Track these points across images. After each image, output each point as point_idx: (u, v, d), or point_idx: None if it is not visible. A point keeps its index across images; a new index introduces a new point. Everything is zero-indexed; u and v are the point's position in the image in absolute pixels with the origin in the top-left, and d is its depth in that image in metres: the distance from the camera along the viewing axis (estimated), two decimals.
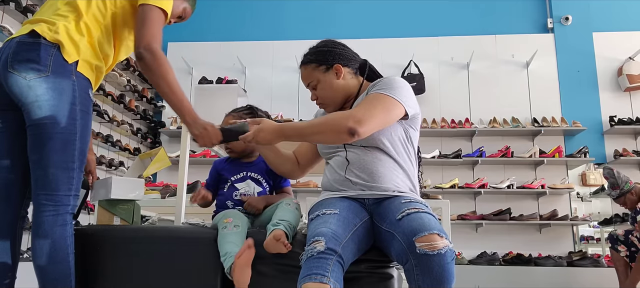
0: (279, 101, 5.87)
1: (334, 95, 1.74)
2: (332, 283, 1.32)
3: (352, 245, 1.46)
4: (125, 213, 1.80)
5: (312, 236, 1.42)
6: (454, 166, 5.67)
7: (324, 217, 1.51)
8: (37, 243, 1.50)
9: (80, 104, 1.57)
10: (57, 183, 1.52)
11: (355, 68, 1.79)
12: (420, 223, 1.37)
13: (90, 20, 1.64)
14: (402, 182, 1.65)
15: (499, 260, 5.12)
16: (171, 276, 1.66)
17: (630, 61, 5.66)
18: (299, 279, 1.36)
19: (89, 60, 1.62)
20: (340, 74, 1.73)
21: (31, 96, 1.49)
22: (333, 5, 6.30)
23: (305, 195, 5.27)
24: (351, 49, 1.81)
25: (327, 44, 1.77)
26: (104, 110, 5.01)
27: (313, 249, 1.38)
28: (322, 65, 1.73)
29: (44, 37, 1.54)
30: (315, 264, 1.35)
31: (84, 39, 1.61)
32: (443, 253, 1.31)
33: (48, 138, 1.51)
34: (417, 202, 1.54)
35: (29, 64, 1.50)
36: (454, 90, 5.90)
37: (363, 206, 1.63)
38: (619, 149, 5.45)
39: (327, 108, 1.80)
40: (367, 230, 1.57)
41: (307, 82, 1.78)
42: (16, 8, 3.86)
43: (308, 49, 1.79)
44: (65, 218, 1.54)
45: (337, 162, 1.71)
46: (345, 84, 1.74)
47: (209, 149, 3.47)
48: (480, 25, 6.08)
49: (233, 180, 1.93)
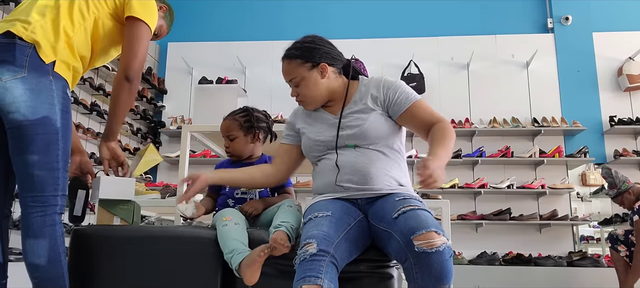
0: (279, 101, 5.86)
1: (317, 94, 1.71)
2: (325, 284, 1.32)
3: (345, 244, 1.46)
4: (125, 214, 1.80)
5: (304, 239, 1.43)
6: (454, 166, 5.66)
7: (316, 220, 1.50)
8: (28, 244, 1.48)
9: (60, 103, 1.55)
10: (43, 185, 1.49)
11: (340, 68, 1.76)
12: (417, 221, 1.38)
13: (69, 21, 1.62)
14: (394, 179, 1.64)
15: (499, 260, 5.12)
16: (171, 276, 1.66)
17: (630, 61, 5.66)
18: (294, 283, 1.36)
19: (66, 61, 1.60)
20: (325, 72, 1.70)
21: (8, 98, 1.46)
22: (333, 5, 6.30)
23: (306, 195, 5.26)
24: (337, 48, 1.78)
25: (315, 41, 1.73)
26: (104, 110, 5.01)
27: (305, 252, 1.39)
28: (307, 62, 1.69)
29: (20, 37, 1.51)
30: (308, 267, 1.36)
31: (61, 39, 1.59)
32: (441, 251, 1.31)
33: (30, 140, 1.48)
34: (411, 198, 1.54)
35: (4, 65, 1.47)
36: (454, 90, 5.90)
37: (356, 206, 1.63)
38: (619, 149, 5.45)
39: (307, 106, 1.77)
40: (362, 229, 1.57)
41: (290, 77, 1.73)
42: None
43: (292, 43, 1.74)
44: (54, 218, 1.52)
45: (326, 166, 1.69)
46: (328, 83, 1.72)
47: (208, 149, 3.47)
48: (480, 25, 6.08)
49: None
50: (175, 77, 6.27)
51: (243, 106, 2.06)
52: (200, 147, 5.34)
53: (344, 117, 1.70)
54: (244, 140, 1.96)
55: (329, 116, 1.75)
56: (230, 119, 1.98)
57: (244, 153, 1.97)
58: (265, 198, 1.91)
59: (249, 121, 1.97)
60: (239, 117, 1.98)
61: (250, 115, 1.99)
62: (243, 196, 1.91)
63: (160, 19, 1.96)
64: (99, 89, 5.02)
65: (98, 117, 4.95)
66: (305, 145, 1.77)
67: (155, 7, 1.82)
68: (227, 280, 1.62)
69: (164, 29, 2.06)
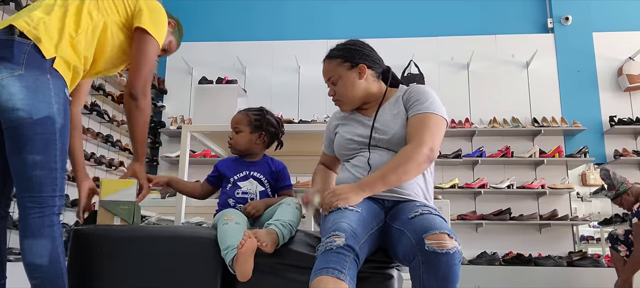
0: (279, 101, 5.86)
1: (354, 94, 1.74)
2: (348, 281, 1.30)
3: (366, 247, 1.46)
4: (126, 214, 1.80)
5: (332, 229, 1.39)
6: (454, 166, 5.67)
7: (345, 211, 1.48)
8: (27, 244, 1.46)
9: (57, 102, 1.51)
10: (41, 185, 1.46)
11: (379, 72, 1.79)
12: (432, 223, 1.38)
13: (75, 21, 1.61)
14: (421, 188, 1.65)
15: (499, 260, 5.12)
16: (171, 276, 1.66)
17: (630, 61, 5.66)
18: (314, 270, 1.33)
19: (67, 59, 1.57)
20: (363, 74, 1.73)
21: (5, 95, 1.42)
22: (333, 5, 6.30)
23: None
24: (377, 53, 1.81)
25: (356, 44, 1.77)
26: (104, 110, 5.01)
27: (332, 243, 1.35)
28: (347, 62, 1.73)
29: (21, 32, 1.49)
30: (333, 258, 1.33)
31: (64, 37, 1.57)
32: (451, 254, 1.31)
33: (27, 140, 1.44)
34: (431, 207, 1.55)
35: (1, 63, 1.44)
36: (454, 90, 5.90)
37: (382, 207, 1.63)
38: (619, 149, 5.45)
39: (343, 106, 1.80)
40: (380, 233, 1.57)
41: (328, 76, 1.77)
42: (16, 8, 3.87)
43: (335, 45, 1.79)
44: (52, 219, 1.49)
45: (359, 161, 1.70)
46: (366, 85, 1.74)
47: (208, 149, 3.48)
48: (480, 25, 6.09)
49: (236, 178, 1.93)
50: (175, 77, 6.27)
51: (261, 106, 2.07)
52: (200, 147, 5.33)
53: (377, 119, 1.72)
54: (248, 136, 1.97)
55: (363, 118, 1.77)
56: (243, 113, 2.01)
57: (244, 148, 1.97)
58: (266, 199, 1.92)
59: (259, 120, 1.99)
60: (252, 113, 2.00)
61: (263, 115, 2.01)
62: (244, 196, 1.91)
63: (169, 35, 1.95)
64: (99, 89, 5.02)
65: (98, 117, 4.95)
66: (338, 143, 1.79)
67: (165, 22, 1.81)
68: (227, 280, 1.62)
69: (173, 44, 2.05)
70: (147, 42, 1.72)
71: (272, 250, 1.56)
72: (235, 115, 2.01)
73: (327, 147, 1.92)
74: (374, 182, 1.56)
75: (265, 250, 1.54)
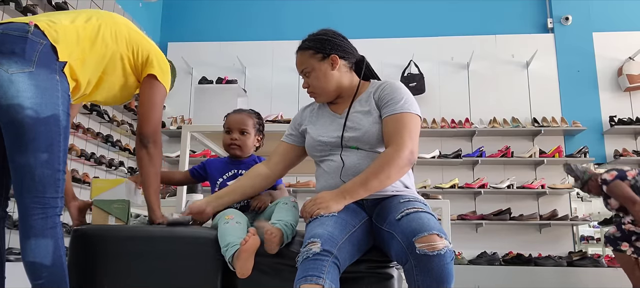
0: (279, 101, 5.87)
1: (327, 85, 1.72)
2: (327, 285, 1.31)
3: (349, 246, 1.46)
4: (120, 212, 1.80)
5: (309, 237, 1.42)
6: (454, 166, 5.67)
7: (321, 219, 1.49)
8: (29, 244, 1.44)
9: (63, 104, 1.50)
10: (45, 186, 1.44)
11: (352, 62, 1.77)
12: (420, 224, 1.37)
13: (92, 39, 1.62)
14: (399, 181, 1.64)
15: (499, 260, 5.12)
16: (171, 276, 1.66)
17: (630, 61, 5.66)
18: (295, 281, 1.35)
19: (74, 70, 1.58)
20: (335, 64, 1.71)
21: (12, 90, 1.40)
22: (333, 5, 6.30)
23: (306, 195, 5.27)
24: (350, 43, 1.79)
25: (327, 33, 1.75)
26: (104, 110, 5.00)
27: (309, 251, 1.37)
28: (318, 53, 1.71)
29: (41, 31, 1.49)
30: (311, 266, 1.35)
31: (78, 49, 1.58)
32: (443, 254, 1.31)
33: (31, 138, 1.42)
34: (416, 200, 1.54)
35: (12, 58, 1.42)
36: (454, 90, 5.91)
37: (362, 207, 1.63)
38: (619, 149, 5.45)
39: (317, 98, 1.78)
40: (366, 231, 1.57)
41: (301, 68, 1.75)
42: (16, 8, 3.86)
43: (307, 35, 1.76)
44: (55, 220, 1.48)
45: (330, 166, 1.69)
46: (339, 76, 1.72)
47: (208, 149, 3.49)
48: (480, 25, 6.09)
49: (225, 178, 1.95)
50: None
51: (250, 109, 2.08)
52: (200, 147, 5.34)
53: (349, 117, 1.69)
54: (253, 139, 1.99)
55: (334, 115, 1.75)
56: (246, 114, 2.01)
57: (248, 151, 1.98)
58: (271, 192, 1.93)
59: (260, 124, 2.03)
60: (254, 116, 2.02)
61: (260, 118, 2.05)
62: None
63: None
64: None
65: (98, 117, 4.95)
66: (309, 144, 1.77)
67: (169, 69, 1.85)
68: (227, 280, 1.62)
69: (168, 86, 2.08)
70: (156, 88, 1.77)
71: (276, 249, 1.56)
72: (235, 115, 2.00)
73: (288, 136, 1.86)
74: (355, 189, 1.55)
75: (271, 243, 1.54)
